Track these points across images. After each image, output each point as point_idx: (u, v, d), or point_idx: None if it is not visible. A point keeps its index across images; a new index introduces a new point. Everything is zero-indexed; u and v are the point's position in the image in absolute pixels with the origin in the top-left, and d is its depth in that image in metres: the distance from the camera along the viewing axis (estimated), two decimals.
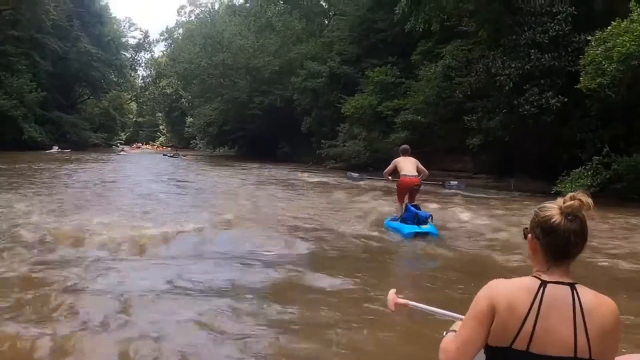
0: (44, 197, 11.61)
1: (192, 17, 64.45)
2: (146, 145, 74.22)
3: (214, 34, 43.75)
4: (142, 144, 72.79)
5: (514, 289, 1.47)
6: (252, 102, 39.51)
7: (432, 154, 23.84)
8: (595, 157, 13.52)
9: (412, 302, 2.05)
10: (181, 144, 75.99)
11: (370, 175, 14.33)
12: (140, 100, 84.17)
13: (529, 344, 1.42)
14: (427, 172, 8.77)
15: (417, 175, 8.51)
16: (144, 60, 79.17)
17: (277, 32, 40.45)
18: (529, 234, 1.53)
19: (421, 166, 8.61)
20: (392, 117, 24.29)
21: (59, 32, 47.47)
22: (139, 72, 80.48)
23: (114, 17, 69.41)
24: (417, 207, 8.37)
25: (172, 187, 15.79)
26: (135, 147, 65.53)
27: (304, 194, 14.97)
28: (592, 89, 12.76)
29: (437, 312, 2.00)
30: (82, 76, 55.14)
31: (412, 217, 8.10)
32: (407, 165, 8.52)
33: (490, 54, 17.12)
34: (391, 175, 8.89)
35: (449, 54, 21.35)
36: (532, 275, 1.50)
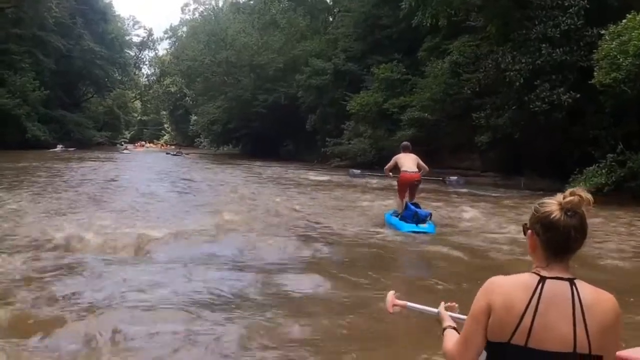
0: (42, 196, 11.34)
1: (197, 14, 64.19)
2: (150, 143, 74.09)
3: (218, 32, 43.59)
4: (146, 143, 72.63)
5: (511, 286, 1.46)
6: (256, 99, 39.30)
7: (439, 152, 23.60)
8: (609, 155, 13.13)
9: (410, 304, 2.01)
10: (185, 142, 75.90)
11: (372, 172, 14.29)
12: (144, 98, 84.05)
13: (527, 340, 1.41)
14: (428, 168, 8.87)
15: (418, 171, 8.62)
16: (148, 58, 79.23)
17: (281, 29, 40.24)
18: (529, 230, 1.51)
19: (421, 162, 8.71)
20: (398, 114, 24.01)
21: (62, 30, 47.22)
22: (143, 70, 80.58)
23: (118, 14, 69.45)
24: (417, 206, 8.51)
25: (173, 187, 15.49)
26: (139, 145, 65.34)
27: (308, 193, 14.68)
28: (606, 84, 12.39)
29: (434, 313, 1.90)
30: (85, 74, 54.91)
31: (411, 215, 8.22)
32: (408, 161, 8.64)
33: (499, 49, 16.73)
34: (392, 171, 9.02)
35: (456, 50, 21.05)
36: (532, 271, 1.48)
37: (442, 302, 1.86)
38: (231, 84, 42.46)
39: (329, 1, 43.70)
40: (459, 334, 1.62)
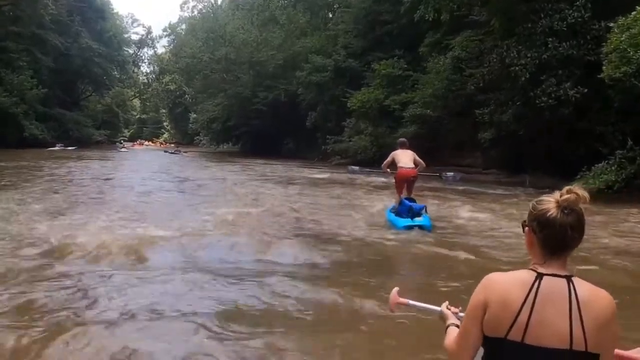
0: (34, 196, 10.99)
1: (195, 12, 63.80)
2: (149, 142, 73.85)
3: (217, 28, 43.19)
4: (144, 141, 72.44)
5: (508, 282, 1.47)
6: (255, 97, 38.95)
7: (440, 149, 23.27)
8: (618, 152, 12.74)
9: (412, 301, 2.01)
10: (185, 140, 75.44)
11: (370, 169, 14.24)
12: (143, 96, 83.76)
13: (523, 336, 1.41)
14: (424, 164, 9.04)
15: (414, 167, 8.83)
16: (147, 56, 78.92)
17: (281, 25, 39.89)
18: (526, 227, 1.52)
19: (418, 158, 8.89)
20: (400, 111, 23.69)
21: (59, 28, 46.84)
22: (142, 68, 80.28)
23: (116, 12, 69.00)
24: (412, 200, 8.72)
25: (169, 186, 15.15)
26: (138, 143, 65.15)
27: (309, 192, 14.35)
28: (616, 79, 11.98)
29: (437, 311, 1.90)
30: (84, 72, 54.55)
31: (406, 210, 8.38)
32: (404, 157, 8.83)
33: (504, 44, 16.32)
34: (389, 167, 9.18)
35: (458, 45, 20.71)
36: (529, 268, 1.49)
37: (445, 301, 1.84)
38: (230, 81, 42.09)
39: None
40: None
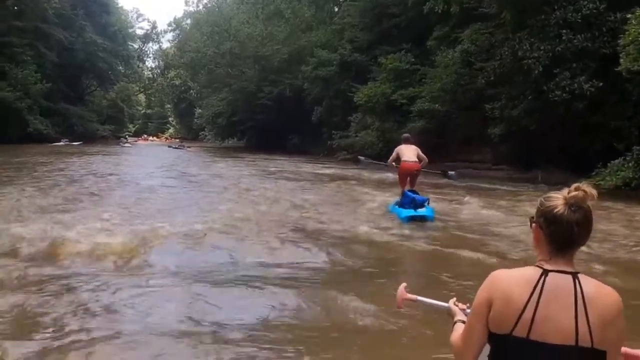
0: (34, 192, 10.68)
1: (200, 6, 63.34)
2: (153, 137, 73.80)
3: (221, 22, 42.75)
4: (149, 136, 72.42)
5: (513, 279, 1.45)
6: (260, 91, 38.58)
7: (449, 145, 22.84)
8: (636, 147, 12.31)
9: (420, 297, 1.98)
10: (190, 135, 75.14)
11: (378, 161, 14.45)
12: (148, 91, 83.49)
13: (529, 332, 1.39)
14: (427, 160, 9.34)
15: (418, 161, 9.15)
16: (152, 51, 78.56)
17: (286, 19, 39.43)
18: (534, 224, 1.50)
19: (421, 154, 9.20)
20: (407, 105, 23.25)
21: (63, 22, 46.54)
22: (147, 63, 79.90)
23: (121, 7, 68.57)
24: (415, 192, 8.95)
25: (171, 182, 14.81)
26: (142, 138, 65.10)
27: (313, 188, 14.02)
28: (634, 71, 11.57)
29: (444, 307, 1.88)
30: (88, 67, 54.28)
31: (409, 201, 8.62)
32: (408, 152, 9.18)
33: (516, 36, 15.86)
34: (395, 162, 9.46)
35: (467, 39, 20.24)
36: (535, 264, 1.47)
37: (453, 298, 1.83)
38: (235, 75, 41.72)
39: None
40: None
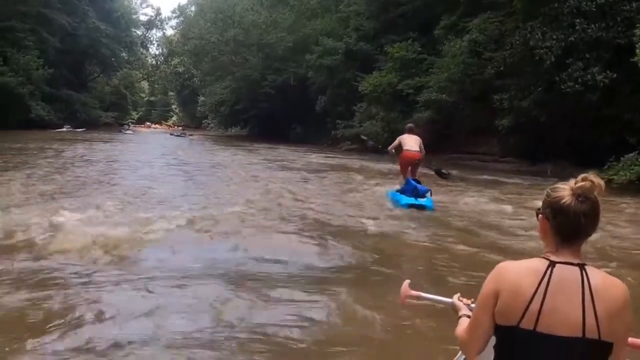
0: (21, 181, 10.35)
1: None
2: (156, 125, 73.54)
3: (225, 9, 42.20)
4: (151, 124, 72.24)
5: (519, 271, 1.43)
6: (264, 80, 38.20)
7: (455, 136, 22.48)
8: None
9: (424, 294, 1.95)
10: (193, 123, 74.77)
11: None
12: (151, 79, 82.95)
13: (535, 324, 1.37)
14: (424, 152, 9.61)
15: (419, 151, 9.39)
16: (155, 38, 77.96)
17: (291, 7, 38.93)
18: (540, 215, 1.47)
19: (422, 145, 9.45)
20: (413, 95, 22.87)
21: (66, 7, 46.06)
22: (151, 50, 79.32)
23: None
24: (417, 182, 9.06)
25: (171, 171, 14.52)
26: (145, 126, 64.90)
27: (316, 179, 13.73)
28: None
29: (448, 303, 1.83)
30: (91, 53, 53.83)
31: (410, 189, 8.73)
32: (410, 141, 9.40)
33: (527, 25, 15.44)
34: (395, 150, 9.64)
35: (475, 28, 19.83)
36: (542, 255, 1.45)
37: (457, 293, 1.80)
38: (239, 63, 41.27)
39: None
40: None
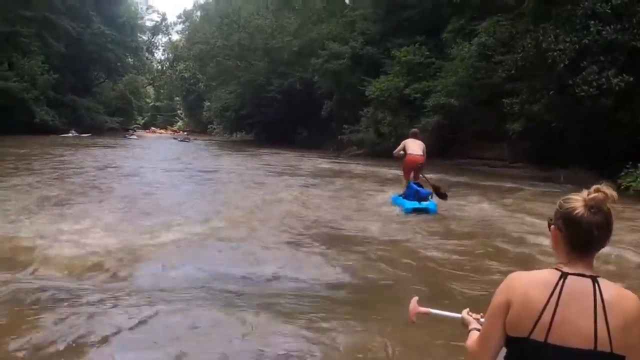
0: (24, 187, 10.11)
1: None
2: (162, 130, 73.64)
3: (231, 13, 42.07)
4: (156, 129, 72.35)
5: (531, 282, 1.43)
6: (270, 84, 37.96)
7: (464, 140, 22.12)
8: None
9: (433, 310, 1.89)
10: (199, 128, 74.64)
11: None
12: (157, 84, 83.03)
13: (547, 335, 1.37)
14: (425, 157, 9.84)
15: (422, 155, 9.63)
16: (161, 43, 78.05)
17: (297, 11, 38.76)
18: (552, 225, 1.47)
19: (425, 150, 9.71)
20: (421, 100, 22.51)
21: (71, 12, 46.01)
22: (156, 55, 79.39)
23: None
24: (419, 185, 9.25)
25: (174, 178, 14.23)
26: (150, 131, 64.97)
27: (321, 185, 13.40)
28: None
29: (458, 318, 1.78)
30: (96, 58, 53.77)
31: (413, 193, 8.92)
32: (414, 145, 9.69)
33: (539, 27, 15.06)
34: (400, 155, 9.85)
35: (484, 31, 19.49)
36: (554, 267, 1.45)
37: (466, 308, 1.78)
38: (244, 68, 41.06)
39: None
40: None
